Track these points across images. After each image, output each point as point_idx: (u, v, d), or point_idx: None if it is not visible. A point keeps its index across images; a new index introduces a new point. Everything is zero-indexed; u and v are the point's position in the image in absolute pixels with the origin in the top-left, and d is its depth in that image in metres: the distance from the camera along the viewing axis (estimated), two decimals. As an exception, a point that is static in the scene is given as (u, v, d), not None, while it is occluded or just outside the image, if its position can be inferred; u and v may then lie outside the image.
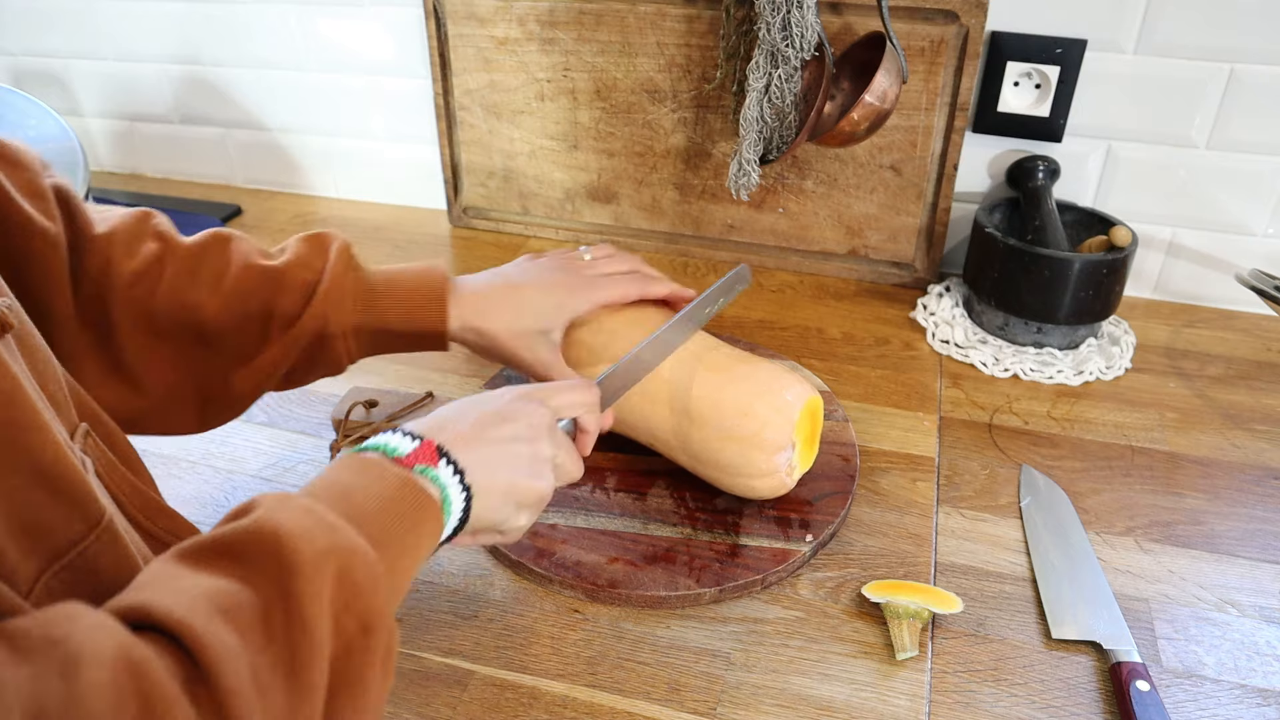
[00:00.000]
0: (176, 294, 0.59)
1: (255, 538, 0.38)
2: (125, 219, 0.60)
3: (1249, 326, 0.95)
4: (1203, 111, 0.89)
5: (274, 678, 0.35)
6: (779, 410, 0.65)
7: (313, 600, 0.36)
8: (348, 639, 0.38)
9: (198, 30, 1.18)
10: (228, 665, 0.33)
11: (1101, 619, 0.61)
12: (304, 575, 0.37)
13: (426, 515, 0.46)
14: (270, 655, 0.35)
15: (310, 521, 0.39)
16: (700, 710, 0.56)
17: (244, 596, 0.36)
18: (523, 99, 1.06)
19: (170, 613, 0.34)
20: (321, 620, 0.37)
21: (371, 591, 0.39)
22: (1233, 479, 0.75)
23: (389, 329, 0.65)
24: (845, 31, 0.92)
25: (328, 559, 0.38)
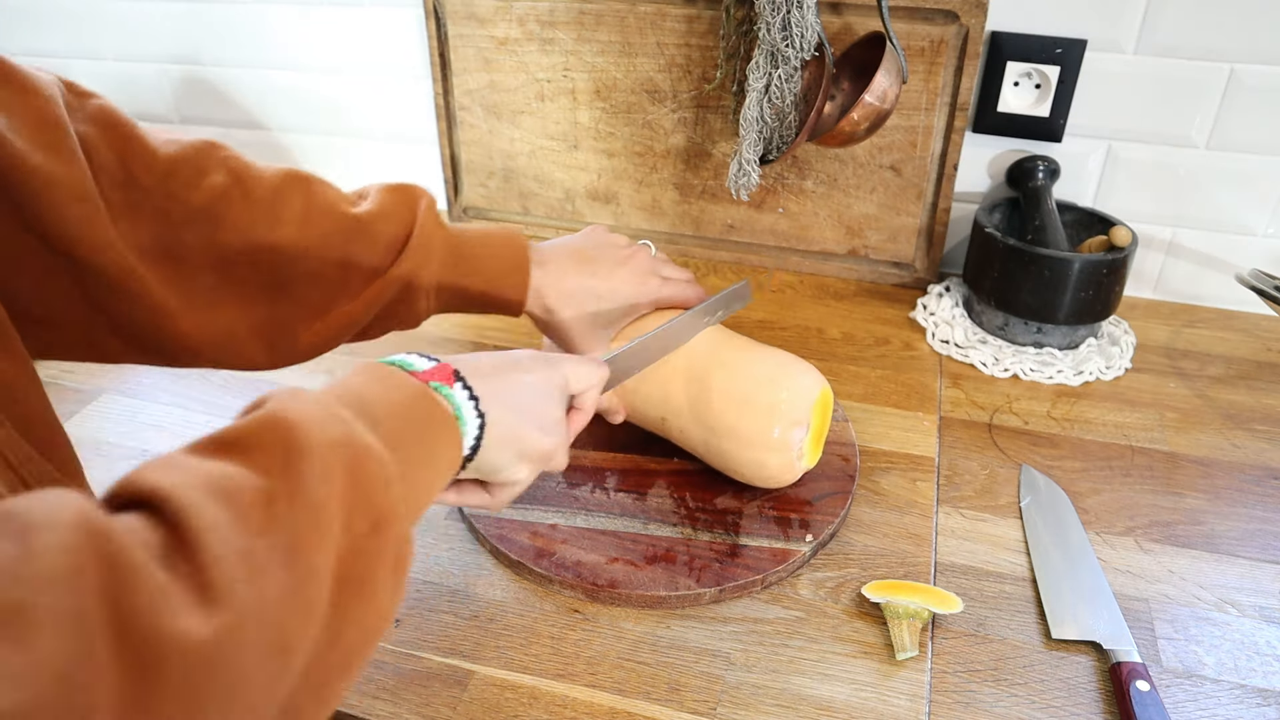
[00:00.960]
0: (251, 233, 0.57)
1: (264, 426, 0.36)
2: (187, 149, 0.56)
3: (1249, 326, 0.95)
4: (1203, 111, 0.89)
5: (271, 561, 0.32)
6: (800, 387, 0.66)
7: (320, 483, 0.35)
8: (356, 537, 0.36)
9: (198, 30, 1.18)
10: (212, 535, 0.30)
11: (1101, 619, 0.61)
12: (312, 459, 0.35)
13: (443, 430, 0.45)
14: (270, 539, 0.32)
15: (322, 413, 0.38)
16: (700, 710, 0.56)
17: (247, 480, 0.33)
18: (523, 99, 1.06)
19: (157, 485, 0.31)
20: (329, 505, 0.35)
21: (383, 490, 0.38)
22: (1233, 479, 0.75)
23: (469, 290, 0.65)
24: (845, 31, 0.92)
25: (338, 450, 0.36)
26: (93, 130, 0.52)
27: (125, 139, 0.53)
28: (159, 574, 0.28)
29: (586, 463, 0.74)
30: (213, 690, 0.28)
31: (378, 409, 0.41)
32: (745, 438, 0.66)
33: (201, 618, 0.28)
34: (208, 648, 0.28)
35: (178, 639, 0.27)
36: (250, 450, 0.35)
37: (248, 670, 0.30)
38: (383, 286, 0.61)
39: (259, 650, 0.30)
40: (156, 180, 0.54)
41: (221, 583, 0.29)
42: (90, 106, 0.53)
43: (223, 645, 0.29)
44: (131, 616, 0.26)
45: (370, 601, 0.37)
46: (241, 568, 0.30)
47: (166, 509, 0.30)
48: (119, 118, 0.54)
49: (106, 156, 0.52)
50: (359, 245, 0.60)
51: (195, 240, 0.56)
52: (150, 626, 0.27)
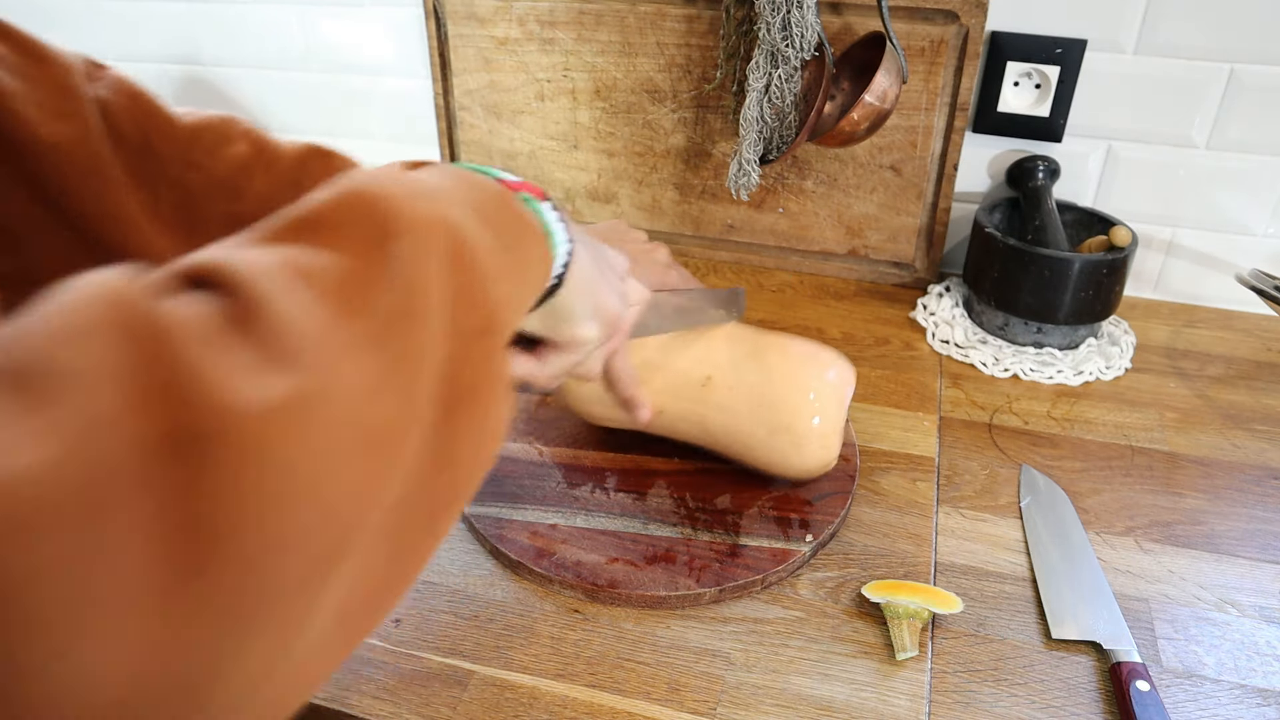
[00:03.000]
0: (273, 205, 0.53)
1: (346, 202, 0.30)
2: (209, 119, 0.55)
3: (1249, 326, 0.95)
4: (1203, 111, 0.89)
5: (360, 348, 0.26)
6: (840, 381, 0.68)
7: (420, 263, 0.29)
8: (467, 338, 0.30)
9: (198, 30, 1.18)
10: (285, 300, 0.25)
11: (1101, 619, 0.61)
12: (410, 237, 0.29)
13: (532, 241, 0.38)
14: (357, 327, 0.26)
15: (417, 189, 0.31)
16: (700, 710, 0.56)
17: (328, 259, 0.28)
18: (523, 99, 1.06)
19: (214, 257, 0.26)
20: (428, 288, 0.29)
21: (493, 284, 0.32)
22: (1233, 479, 0.75)
23: None
24: (845, 31, 0.92)
25: (439, 226, 0.31)
26: (113, 99, 0.52)
27: (145, 108, 0.53)
28: (213, 334, 0.23)
29: (586, 463, 0.74)
30: (290, 471, 0.23)
31: (469, 199, 0.35)
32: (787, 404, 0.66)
33: (270, 380, 0.23)
34: (278, 415, 0.22)
35: (236, 401, 0.22)
36: (332, 229, 0.29)
37: (335, 455, 0.24)
38: None
39: (349, 433, 0.25)
40: (178, 149, 0.53)
41: (295, 348, 0.24)
42: (109, 77, 0.53)
43: (298, 414, 0.23)
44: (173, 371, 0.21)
45: (484, 415, 0.31)
46: (321, 342, 0.25)
47: (230, 277, 0.25)
48: (138, 89, 0.53)
49: (126, 126, 0.52)
50: None
51: (215, 211, 0.55)
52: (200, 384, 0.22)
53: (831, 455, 0.68)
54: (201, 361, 0.22)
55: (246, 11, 1.14)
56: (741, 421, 0.68)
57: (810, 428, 0.66)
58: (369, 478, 0.26)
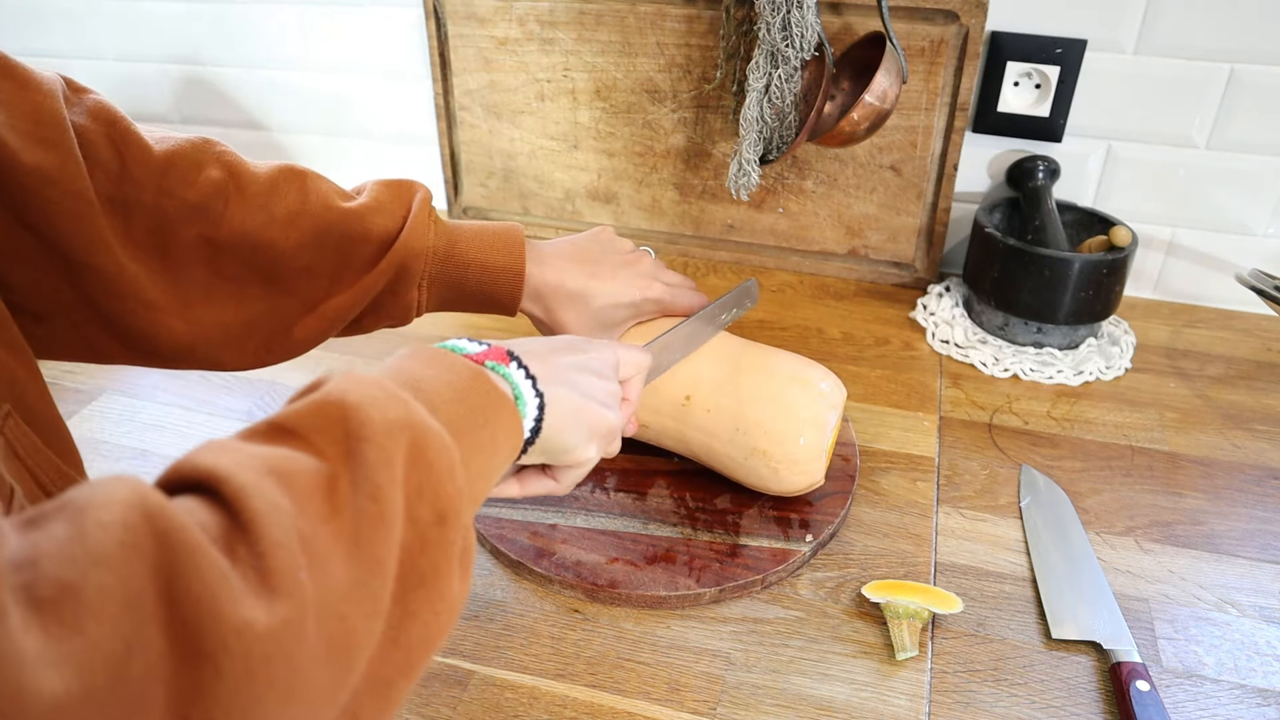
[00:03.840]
0: (244, 229, 0.56)
1: (322, 410, 0.34)
2: (183, 145, 0.56)
3: (1249, 326, 0.95)
4: (1203, 111, 0.89)
5: (335, 550, 0.30)
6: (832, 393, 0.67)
7: (383, 468, 0.33)
8: (422, 529, 0.34)
9: (198, 30, 1.18)
10: (272, 519, 0.28)
11: (1101, 619, 0.61)
12: (375, 443, 0.33)
13: (502, 411, 0.42)
14: (333, 527, 0.31)
15: (382, 395, 0.35)
16: (700, 710, 0.56)
17: (306, 464, 0.32)
18: (523, 99, 1.06)
19: (214, 466, 0.29)
20: (393, 491, 0.33)
21: (448, 477, 0.36)
22: (1233, 479, 0.75)
23: (464, 285, 0.64)
24: (845, 31, 0.92)
25: (401, 432, 0.34)
26: (91, 125, 0.52)
27: (122, 135, 0.53)
28: (218, 558, 0.27)
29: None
30: (272, 685, 0.26)
31: (435, 392, 0.39)
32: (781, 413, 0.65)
33: (263, 606, 0.27)
34: (269, 639, 0.26)
35: (238, 627, 0.26)
36: (308, 434, 0.33)
37: (309, 666, 0.28)
38: (374, 279, 0.60)
39: (321, 645, 0.29)
40: (152, 176, 0.54)
41: (283, 570, 0.28)
42: (88, 101, 0.53)
43: (284, 637, 0.27)
44: (189, 600, 0.25)
45: (438, 596, 0.35)
46: (303, 556, 0.29)
47: (224, 491, 0.29)
48: (116, 114, 0.54)
49: (104, 151, 0.52)
50: (352, 239, 0.60)
51: (190, 236, 0.55)
52: (209, 612, 0.25)
53: (811, 479, 0.66)
54: (211, 592, 0.25)
55: (246, 11, 1.14)
56: (718, 443, 0.67)
57: (786, 453, 0.65)
58: (340, 673, 0.30)
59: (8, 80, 0.48)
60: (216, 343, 0.58)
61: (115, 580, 0.24)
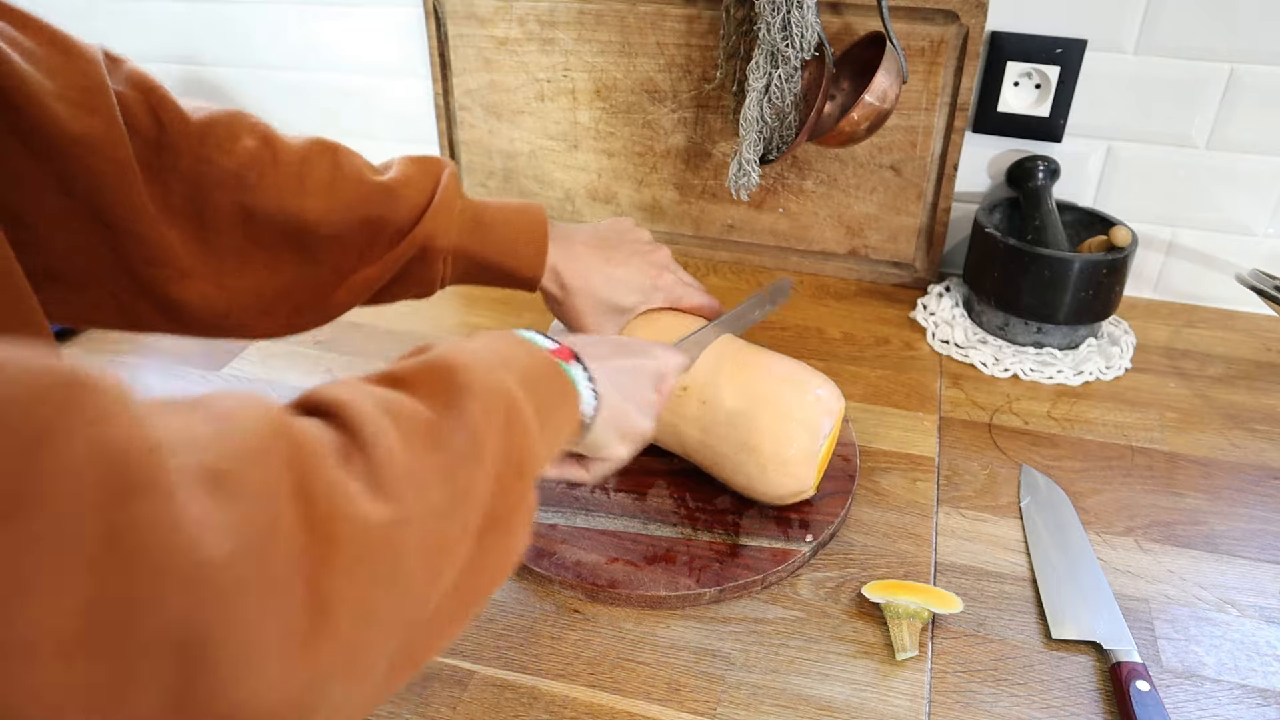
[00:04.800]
0: (279, 199, 0.58)
1: (430, 367, 0.39)
2: (219, 114, 0.58)
3: (1249, 326, 0.95)
4: (1203, 111, 0.89)
5: (433, 477, 0.35)
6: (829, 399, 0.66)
7: (484, 420, 0.38)
8: (504, 479, 0.39)
9: (198, 30, 1.18)
10: (383, 442, 0.33)
11: (1101, 619, 0.61)
12: (478, 398, 0.38)
13: (569, 399, 0.48)
14: (433, 463, 0.35)
15: (483, 362, 0.41)
16: (700, 710, 0.56)
17: (415, 407, 0.36)
18: (523, 99, 1.06)
19: (335, 396, 0.34)
20: (488, 438, 0.38)
21: (529, 439, 0.41)
22: (1233, 479, 0.75)
23: (487, 259, 0.66)
24: (845, 31, 0.92)
25: (498, 393, 0.40)
26: (130, 93, 0.53)
27: (160, 102, 0.54)
28: (338, 465, 0.31)
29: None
30: (379, 572, 0.31)
31: (521, 370, 0.44)
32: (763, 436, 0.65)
33: (375, 506, 0.31)
34: (379, 532, 0.31)
35: (354, 519, 0.30)
36: (419, 385, 0.38)
37: (410, 562, 0.33)
38: (401, 251, 0.62)
39: (421, 547, 0.33)
40: (190, 144, 0.55)
41: (391, 481, 0.32)
42: (126, 70, 0.54)
43: (391, 532, 0.32)
44: (317, 496, 0.29)
45: (507, 538, 0.40)
46: (407, 476, 0.33)
47: (344, 414, 0.34)
48: (153, 82, 0.55)
49: (143, 119, 0.53)
50: (383, 210, 0.61)
51: (225, 203, 0.56)
52: (330, 505, 0.29)
53: (801, 484, 0.65)
54: (334, 488, 0.30)
55: (246, 11, 1.14)
56: (710, 437, 0.67)
57: (775, 452, 0.64)
58: (434, 575, 0.35)
59: (55, 50, 0.49)
60: (249, 309, 0.59)
61: (260, 473, 0.28)
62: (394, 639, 0.33)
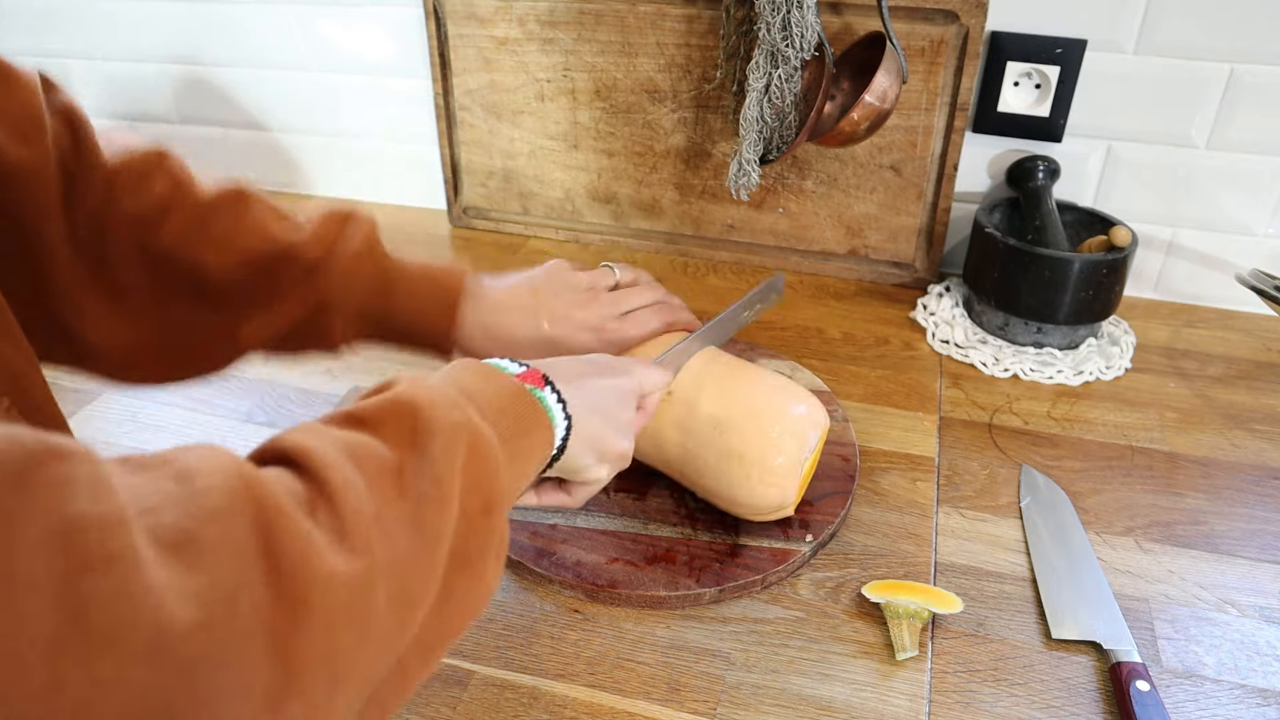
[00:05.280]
0: (181, 245, 0.57)
1: (393, 407, 0.39)
2: (135, 154, 0.57)
3: (1249, 326, 0.95)
4: (1203, 111, 0.89)
5: (399, 524, 0.35)
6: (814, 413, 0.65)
7: (447, 462, 0.38)
8: (471, 517, 0.39)
9: (198, 30, 1.18)
10: (349, 492, 0.33)
11: (1101, 619, 0.61)
12: (441, 439, 0.38)
13: (539, 425, 0.48)
14: (399, 506, 0.35)
15: (445, 399, 0.41)
16: (700, 710, 0.56)
17: (379, 450, 0.36)
18: (523, 99, 1.06)
19: (300, 443, 0.34)
20: (452, 479, 0.38)
21: (495, 474, 0.41)
22: (1233, 479, 0.75)
23: (393, 322, 0.63)
24: (845, 31, 0.92)
25: (461, 431, 0.39)
26: (56, 122, 0.53)
27: (79, 138, 0.54)
28: (304, 519, 0.31)
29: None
30: (348, 628, 0.31)
31: (486, 402, 0.44)
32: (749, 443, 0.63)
33: (343, 560, 0.31)
34: (347, 587, 0.31)
35: (323, 575, 0.30)
36: (381, 425, 0.38)
37: (378, 615, 0.33)
38: (293, 307, 0.60)
39: (388, 599, 0.33)
40: (100, 184, 0.55)
41: (358, 534, 0.32)
42: (58, 100, 0.54)
43: (360, 586, 0.32)
44: (283, 553, 0.29)
45: (477, 578, 0.39)
46: (374, 525, 0.33)
47: (309, 464, 0.33)
48: (80, 115, 0.54)
49: (66, 152, 0.53)
50: (280, 265, 0.60)
51: (126, 244, 0.56)
52: (298, 563, 0.29)
53: (783, 497, 0.64)
54: (302, 545, 0.30)
55: (246, 12, 1.14)
56: (693, 442, 0.65)
57: (761, 459, 0.62)
58: (401, 624, 0.35)
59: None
60: (142, 353, 0.59)
61: (225, 533, 0.28)
62: (364, 690, 0.33)
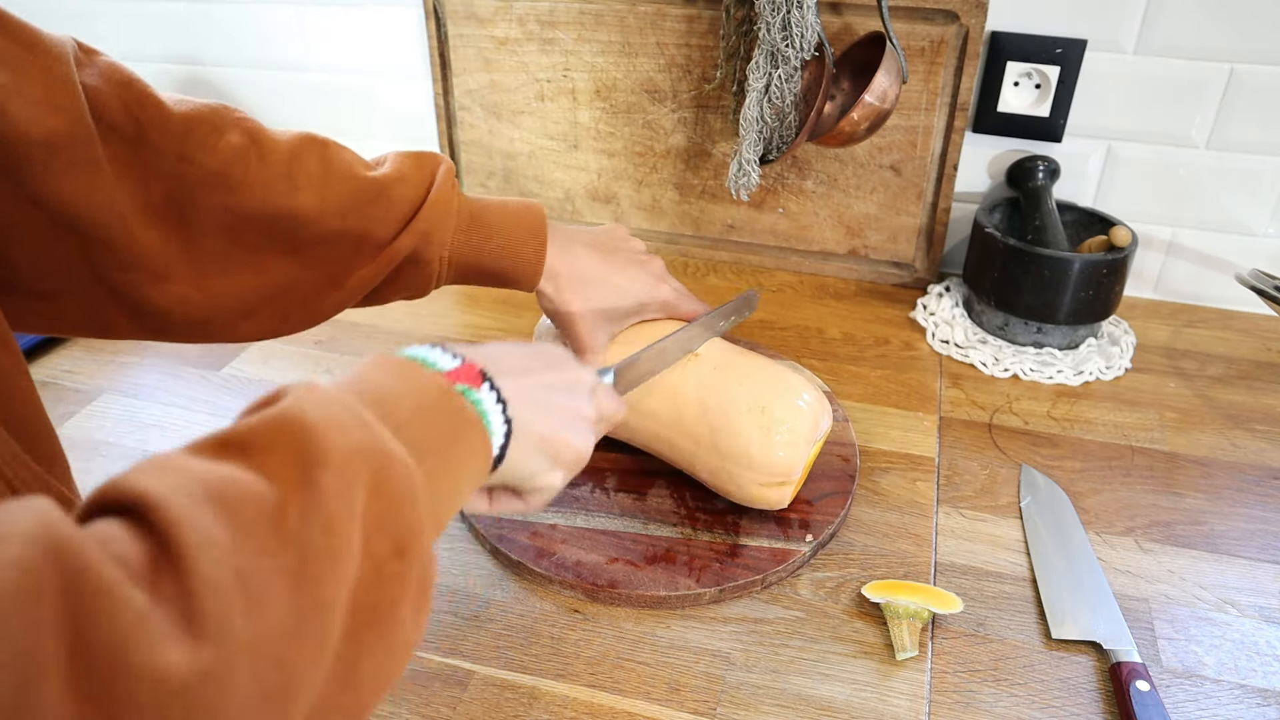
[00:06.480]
0: (266, 198, 0.54)
1: (278, 427, 0.32)
2: (202, 109, 0.54)
3: (1249, 326, 0.95)
4: (1203, 111, 0.89)
5: (276, 587, 0.28)
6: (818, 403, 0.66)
7: (339, 498, 0.31)
8: (378, 561, 0.32)
9: (198, 30, 1.18)
10: (205, 553, 0.26)
11: (1101, 619, 0.61)
12: (332, 469, 0.31)
13: (469, 432, 0.41)
14: (278, 560, 0.28)
15: (344, 415, 0.33)
16: (700, 710, 0.56)
17: (255, 488, 0.29)
18: (523, 99, 1.06)
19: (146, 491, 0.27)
20: (348, 525, 0.31)
21: (409, 506, 0.34)
22: (1233, 479, 0.75)
23: (484, 260, 0.64)
24: (845, 31, 0.92)
25: (361, 460, 0.32)
26: (104, 87, 0.50)
27: (138, 97, 0.51)
28: (136, 596, 0.24)
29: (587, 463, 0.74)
30: None
31: (401, 410, 0.37)
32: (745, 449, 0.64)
33: (184, 651, 0.24)
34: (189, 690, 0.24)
35: (152, 675, 0.23)
36: (261, 453, 0.31)
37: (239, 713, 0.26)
38: (395, 249, 0.59)
39: (253, 693, 0.26)
40: (171, 141, 0.52)
41: (211, 611, 0.25)
42: (100, 63, 0.51)
43: (206, 689, 0.24)
44: (97, 649, 0.23)
45: (391, 633, 0.33)
46: (238, 594, 0.26)
47: (154, 518, 0.26)
48: (130, 76, 0.52)
49: (118, 116, 0.50)
50: (374, 209, 0.58)
51: (209, 203, 0.53)
52: (119, 662, 0.23)
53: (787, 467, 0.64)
54: (121, 634, 0.23)
55: (246, 11, 1.14)
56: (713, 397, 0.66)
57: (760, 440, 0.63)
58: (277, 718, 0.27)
59: (16, 43, 0.46)
60: (231, 313, 0.56)
61: (11, 624, 0.21)
62: None
